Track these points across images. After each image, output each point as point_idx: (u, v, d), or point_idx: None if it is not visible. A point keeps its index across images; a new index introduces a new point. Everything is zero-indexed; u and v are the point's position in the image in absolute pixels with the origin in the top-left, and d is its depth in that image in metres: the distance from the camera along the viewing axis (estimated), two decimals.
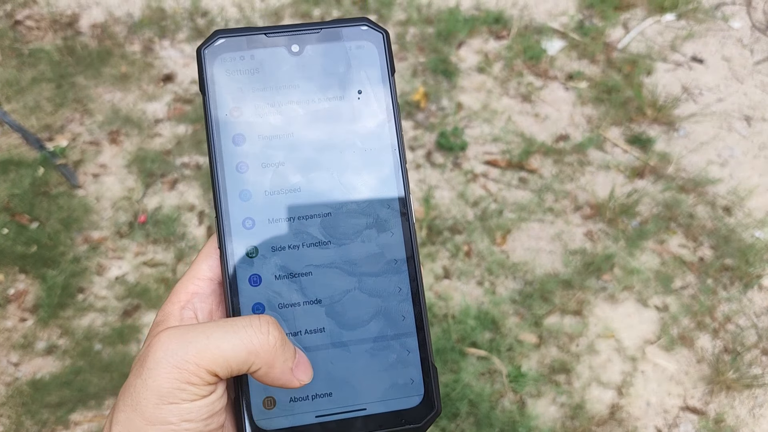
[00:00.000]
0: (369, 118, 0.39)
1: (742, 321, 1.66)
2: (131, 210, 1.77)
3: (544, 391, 1.54)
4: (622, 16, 2.24)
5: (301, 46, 0.38)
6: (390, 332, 0.38)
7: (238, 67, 0.38)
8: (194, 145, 1.89)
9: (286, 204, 0.38)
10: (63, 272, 1.65)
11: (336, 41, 0.39)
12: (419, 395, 0.38)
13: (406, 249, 0.39)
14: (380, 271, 0.39)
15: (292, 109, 0.38)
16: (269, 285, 0.38)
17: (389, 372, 0.38)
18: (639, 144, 1.94)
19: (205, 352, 0.32)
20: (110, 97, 1.98)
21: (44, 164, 1.83)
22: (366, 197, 0.39)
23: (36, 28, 2.12)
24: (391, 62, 0.39)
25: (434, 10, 2.22)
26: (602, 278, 1.70)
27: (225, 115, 0.38)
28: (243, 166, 0.38)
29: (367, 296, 0.38)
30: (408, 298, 0.39)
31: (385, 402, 0.38)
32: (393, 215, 0.39)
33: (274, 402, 0.37)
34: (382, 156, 0.39)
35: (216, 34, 0.38)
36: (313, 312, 0.38)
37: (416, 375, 0.38)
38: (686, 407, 1.54)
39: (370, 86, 0.39)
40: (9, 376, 1.53)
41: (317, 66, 0.38)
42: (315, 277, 0.38)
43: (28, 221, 1.73)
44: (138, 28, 2.13)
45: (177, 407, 0.32)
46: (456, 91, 2.03)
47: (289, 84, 0.38)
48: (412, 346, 0.39)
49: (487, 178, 1.87)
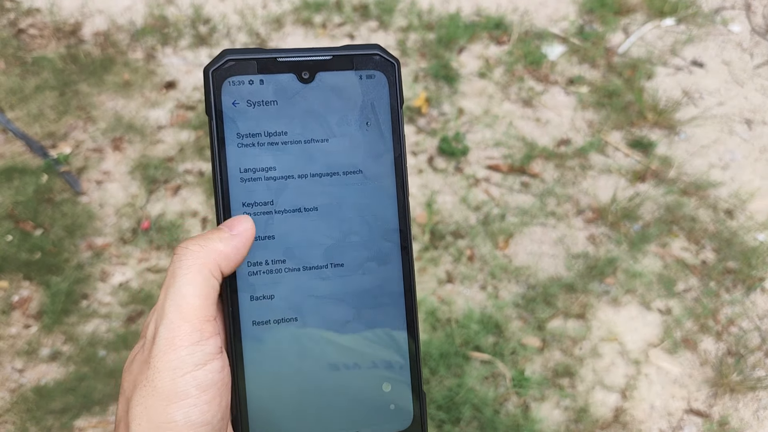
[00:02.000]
0: (375, 151, 0.39)
1: (745, 324, 1.66)
2: (134, 216, 1.78)
3: (547, 394, 1.54)
4: (622, 21, 2.25)
5: (311, 73, 0.38)
6: (383, 361, 0.40)
7: (245, 92, 0.37)
8: (197, 152, 1.89)
9: (293, 228, 0.38)
10: (67, 279, 1.65)
11: (347, 69, 0.38)
12: (409, 420, 0.40)
13: (404, 282, 0.40)
14: (377, 303, 0.39)
15: (299, 138, 0.38)
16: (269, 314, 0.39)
17: (382, 398, 0.40)
18: (640, 148, 1.95)
19: (182, 308, 0.34)
20: (113, 105, 1.99)
21: (48, 171, 1.83)
22: (368, 229, 0.39)
23: (39, 37, 2.13)
24: (401, 93, 0.39)
25: (435, 16, 2.23)
26: (605, 282, 1.70)
27: (231, 140, 0.37)
28: (248, 193, 0.38)
29: (363, 327, 0.39)
30: (403, 327, 0.40)
31: (376, 426, 0.40)
32: (393, 248, 0.39)
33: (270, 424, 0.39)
34: (385, 187, 0.39)
35: (224, 54, 0.37)
36: (309, 338, 0.39)
37: (407, 401, 0.40)
38: (690, 410, 1.54)
39: (378, 117, 0.39)
40: (14, 383, 1.53)
41: (326, 95, 0.38)
42: (310, 308, 0.39)
43: (32, 228, 1.74)
44: (140, 36, 2.14)
45: (192, 376, 0.33)
46: (457, 96, 2.04)
47: (297, 112, 0.38)
48: (404, 375, 0.40)
49: (489, 182, 1.87)
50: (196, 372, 0.33)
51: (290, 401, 0.38)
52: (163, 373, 0.33)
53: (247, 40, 2.14)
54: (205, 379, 0.33)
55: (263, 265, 0.38)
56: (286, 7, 2.22)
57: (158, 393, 0.33)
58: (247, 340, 0.38)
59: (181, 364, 0.33)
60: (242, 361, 0.38)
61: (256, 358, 0.38)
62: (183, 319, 0.34)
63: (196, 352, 0.33)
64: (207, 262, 0.35)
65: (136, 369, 0.35)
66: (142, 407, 0.33)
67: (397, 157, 0.39)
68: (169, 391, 0.33)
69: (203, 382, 0.33)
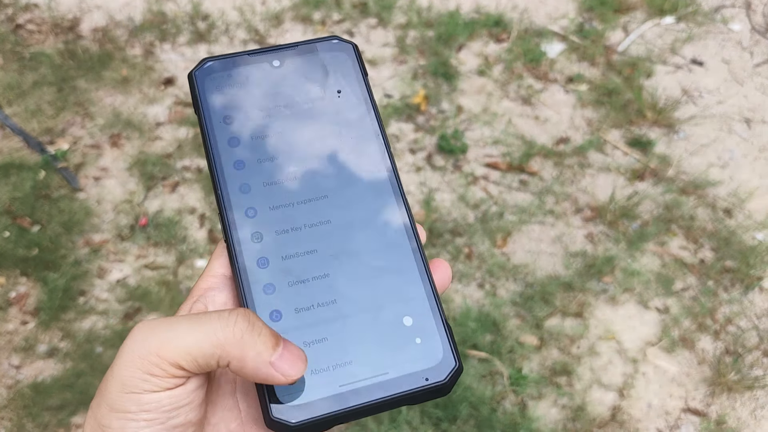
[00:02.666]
0: (351, 112, 0.43)
1: (743, 323, 1.66)
2: (132, 213, 1.77)
3: (545, 393, 1.54)
4: (621, 19, 2.25)
5: (281, 61, 0.43)
6: (400, 295, 0.40)
7: (226, 82, 0.42)
8: (195, 148, 1.89)
9: (285, 191, 0.41)
10: (64, 275, 1.65)
11: (311, 53, 0.44)
12: (439, 352, 0.39)
13: (405, 219, 0.41)
14: (386, 245, 0.40)
15: (279, 111, 0.42)
16: (277, 265, 0.39)
17: (405, 333, 0.39)
18: (639, 146, 1.94)
19: (167, 344, 0.32)
20: (111, 101, 1.98)
21: (45, 167, 1.83)
22: (357, 179, 0.42)
23: (37, 32, 2.12)
24: (363, 67, 0.44)
25: (434, 14, 2.22)
26: (603, 280, 1.70)
27: (219, 123, 0.41)
28: (240, 164, 0.41)
29: (374, 269, 0.40)
30: (413, 265, 0.40)
31: (406, 365, 0.39)
32: (386, 191, 0.42)
33: None
34: (368, 142, 0.43)
35: (204, 60, 0.43)
36: (323, 285, 0.39)
37: (433, 333, 0.39)
38: (688, 409, 1.54)
39: (348, 86, 0.43)
40: (10, 379, 1.53)
41: (298, 74, 0.43)
42: (320, 254, 0.40)
43: (29, 224, 1.74)
44: (139, 32, 2.14)
45: (137, 397, 0.32)
46: (456, 93, 2.04)
47: (274, 90, 0.43)
48: (424, 306, 0.40)
49: (488, 180, 1.87)
50: (142, 395, 0.32)
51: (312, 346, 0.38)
52: (114, 383, 0.32)
53: (246, 36, 2.13)
54: (149, 402, 0.32)
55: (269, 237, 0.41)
56: (285, 3, 2.22)
57: (104, 400, 0.32)
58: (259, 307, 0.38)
59: (131, 384, 0.32)
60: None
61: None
62: (161, 351, 0.32)
63: (148, 381, 0.32)
64: (228, 346, 0.33)
65: None
66: (92, 411, 0.33)
67: (371, 114, 0.43)
68: (112, 403, 0.32)
69: (147, 404, 0.32)
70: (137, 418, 0.32)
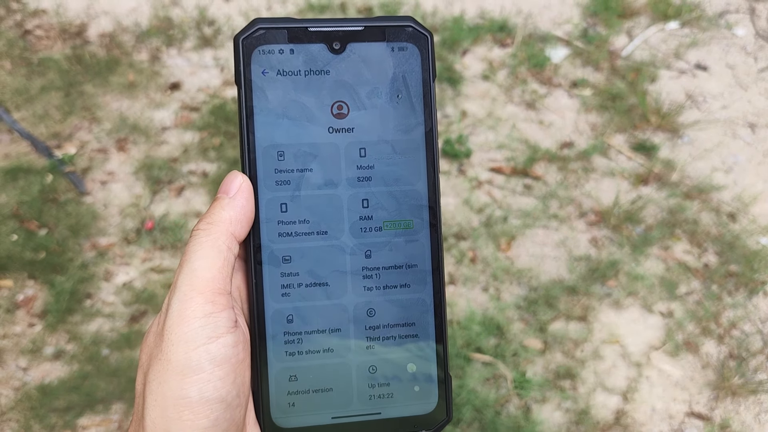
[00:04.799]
0: (405, 123, 0.38)
1: (747, 327, 1.66)
2: (138, 217, 1.79)
3: (549, 396, 1.55)
4: (625, 24, 2.26)
5: (342, 44, 0.37)
6: (409, 341, 0.39)
7: (275, 61, 0.37)
8: (201, 153, 1.90)
9: (318, 204, 0.38)
10: (71, 278, 1.66)
11: (379, 41, 0.37)
12: (433, 403, 0.39)
13: (432, 260, 0.39)
14: (405, 281, 0.39)
15: (327, 108, 0.38)
16: (295, 290, 0.38)
17: (406, 379, 0.39)
18: (643, 151, 1.95)
19: (200, 282, 0.34)
20: (118, 105, 2.00)
21: (53, 171, 1.84)
22: (396, 203, 0.38)
23: (45, 38, 2.14)
24: (434, 66, 0.38)
25: (439, 19, 2.23)
26: (607, 284, 1.70)
27: (260, 110, 0.37)
28: (279, 160, 0.37)
29: (389, 304, 0.39)
30: (430, 309, 0.39)
31: (399, 408, 0.39)
32: (422, 224, 0.38)
33: (293, 402, 0.38)
34: (416, 163, 0.38)
35: (255, 23, 0.36)
36: (334, 314, 0.38)
37: (432, 384, 0.39)
38: (691, 413, 1.54)
39: (409, 91, 0.38)
40: (18, 381, 1.54)
41: (357, 66, 0.37)
42: (337, 283, 0.38)
43: (36, 228, 1.75)
44: (145, 37, 2.15)
45: (204, 348, 0.32)
46: (461, 98, 2.05)
47: (327, 83, 0.37)
48: (430, 355, 0.39)
49: (492, 184, 1.88)
50: (210, 345, 0.32)
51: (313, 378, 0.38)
52: (177, 345, 0.32)
53: None
54: (218, 353, 0.33)
55: (290, 236, 0.38)
56: (290, 8, 2.23)
57: (172, 367, 0.32)
58: (269, 314, 0.37)
59: (194, 336, 0.32)
60: (265, 335, 0.37)
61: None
62: (194, 290, 0.33)
63: (208, 324, 0.33)
64: (218, 235, 0.35)
65: (152, 342, 0.34)
66: (157, 382, 0.33)
67: (428, 131, 0.38)
68: (183, 365, 0.32)
69: (217, 357, 0.33)
70: (212, 377, 0.32)
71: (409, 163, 0.38)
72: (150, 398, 0.33)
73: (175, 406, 0.32)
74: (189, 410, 0.32)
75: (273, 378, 0.37)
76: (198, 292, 0.33)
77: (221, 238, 0.35)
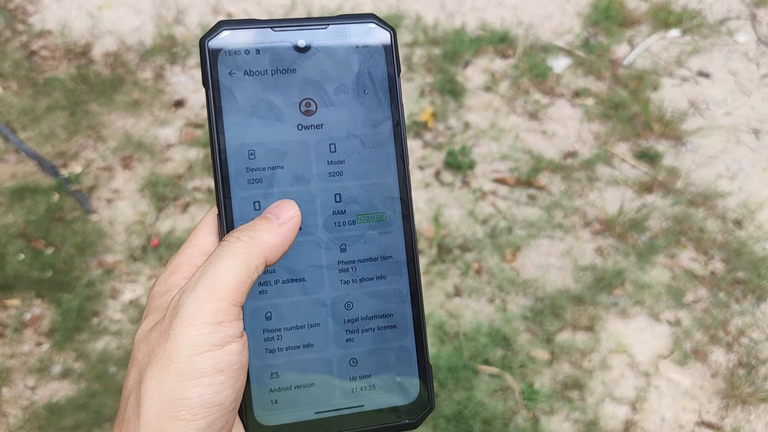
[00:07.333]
0: (373, 118, 0.39)
1: (755, 334, 1.65)
2: (144, 234, 1.79)
3: (557, 407, 1.54)
4: (627, 32, 2.26)
5: (307, 41, 0.38)
6: (387, 332, 0.40)
7: (242, 62, 0.37)
8: (205, 169, 1.91)
9: (293, 198, 0.38)
10: (78, 296, 1.67)
11: (343, 38, 0.38)
12: (415, 392, 0.40)
13: (407, 251, 0.40)
14: (381, 273, 0.40)
15: (296, 106, 0.38)
16: (272, 287, 0.39)
17: (387, 370, 0.40)
18: (647, 159, 1.95)
19: (217, 288, 0.33)
20: (123, 124, 2.01)
21: (59, 190, 1.86)
22: (368, 196, 0.39)
23: (51, 58, 2.16)
24: (398, 61, 0.39)
25: (440, 31, 2.24)
26: (613, 293, 1.70)
27: (229, 110, 0.37)
28: (250, 159, 0.38)
29: (366, 297, 0.39)
30: (407, 299, 0.40)
31: (380, 399, 0.39)
32: (395, 216, 0.39)
33: (275, 399, 0.38)
34: (385, 156, 0.39)
35: (220, 25, 0.37)
36: (312, 309, 0.39)
37: (413, 373, 0.40)
38: (702, 422, 1.53)
39: (375, 86, 0.39)
40: (26, 400, 1.54)
41: (323, 64, 0.38)
42: (313, 278, 0.39)
43: (43, 246, 1.76)
44: (149, 56, 2.17)
45: (209, 354, 0.33)
46: (463, 110, 2.05)
47: (294, 81, 0.38)
48: (409, 345, 0.40)
49: (496, 195, 1.88)
50: (215, 352, 0.33)
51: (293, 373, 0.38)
52: (182, 348, 0.32)
53: None
54: (222, 359, 0.33)
55: None
56: None
57: (174, 368, 0.32)
58: (247, 312, 0.38)
59: (201, 341, 0.32)
60: None
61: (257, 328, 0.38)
62: (212, 297, 0.33)
63: (217, 332, 0.33)
64: (254, 253, 0.35)
65: (154, 339, 0.34)
66: (156, 381, 0.33)
67: (395, 124, 0.39)
68: (186, 368, 0.32)
69: (220, 363, 0.33)
70: (213, 381, 0.33)
71: (378, 157, 0.39)
72: (146, 395, 0.33)
73: (173, 406, 0.32)
74: (187, 411, 0.32)
75: (254, 376, 0.38)
76: (215, 299, 0.33)
77: (255, 256, 0.35)
